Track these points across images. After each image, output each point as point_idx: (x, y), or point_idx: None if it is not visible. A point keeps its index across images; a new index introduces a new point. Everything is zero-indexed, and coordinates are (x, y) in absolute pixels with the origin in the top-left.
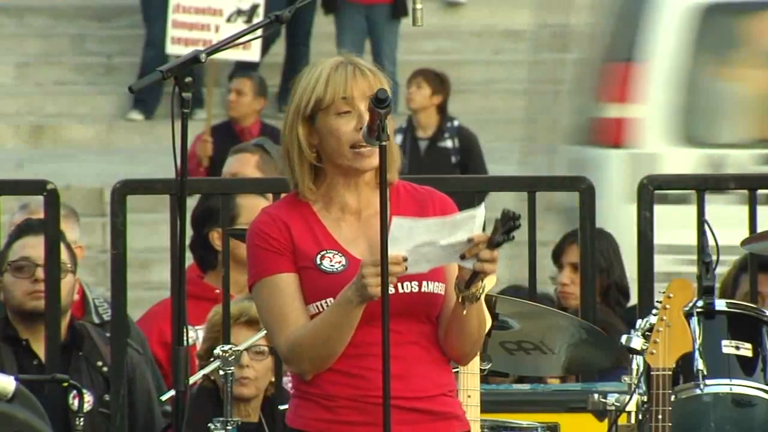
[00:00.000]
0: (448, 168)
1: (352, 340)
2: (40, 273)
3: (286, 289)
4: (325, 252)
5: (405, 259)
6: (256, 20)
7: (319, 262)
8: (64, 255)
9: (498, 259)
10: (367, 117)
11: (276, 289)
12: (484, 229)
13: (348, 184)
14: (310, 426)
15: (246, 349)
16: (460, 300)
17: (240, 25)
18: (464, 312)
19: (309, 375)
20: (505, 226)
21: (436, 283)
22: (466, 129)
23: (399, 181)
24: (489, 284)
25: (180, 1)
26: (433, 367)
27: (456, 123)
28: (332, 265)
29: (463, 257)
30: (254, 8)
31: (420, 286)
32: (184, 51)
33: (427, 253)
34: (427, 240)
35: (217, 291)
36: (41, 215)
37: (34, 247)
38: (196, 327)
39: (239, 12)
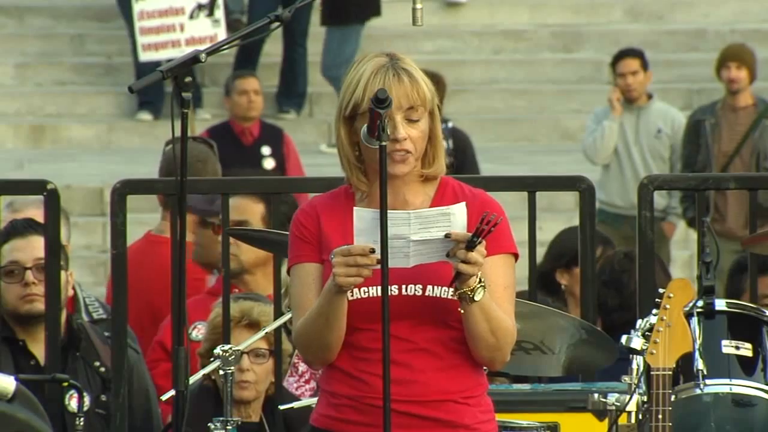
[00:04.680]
0: None
1: (358, 343)
2: (29, 276)
3: (305, 279)
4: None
5: (372, 251)
6: (216, 12)
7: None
8: None
9: (479, 262)
10: (400, 128)
11: (297, 278)
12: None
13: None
14: (319, 421)
15: (246, 353)
16: (457, 298)
17: (203, 19)
18: (461, 311)
19: (316, 365)
20: (476, 229)
21: (444, 288)
22: (460, 130)
23: (450, 178)
24: None
25: (143, 7)
26: (444, 374)
27: (450, 124)
28: None
29: (449, 255)
30: (214, 0)
31: (424, 289)
32: (155, 56)
33: (402, 247)
34: (395, 233)
35: (236, 290)
36: (27, 213)
37: (21, 250)
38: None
39: (200, 6)
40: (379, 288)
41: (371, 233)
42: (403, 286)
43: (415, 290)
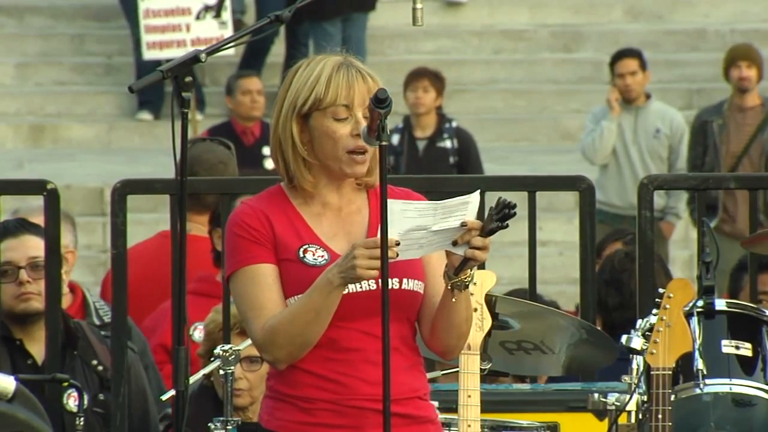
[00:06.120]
0: (447, 168)
1: (330, 344)
2: (23, 275)
3: (266, 279)
4: (307, 246)
5: (397, 244)
6: (224, 14)
7: (302, 255)
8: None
9: (489, 248)
10: (363, 123)
11: (255, 279)
12: (480, 218)
13: (331, 183)
14: (286, 428)
15: (239, 360)
16: (449, 287)
17: (209, 20)
18: (453, 299)
19: (284, 364)
20: (499, 214)
21: (416, 281)
22: (464, 130)
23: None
24: (489, 284)
25: (149, 5)
26: (409, 373)
27: (454, 123)
28: (315, 259)
29: (455, 243)
30: (221, 2)
31: (400, 283)
32: (160, 55)
33: (420, 238)
34: (419, 224)
35: None
36: (32, 220)
37: (14, 249)
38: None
39: (207, 8)
40: (357, 285)
41: (397, 224)
42: (380, 281)
43: (392, 284)
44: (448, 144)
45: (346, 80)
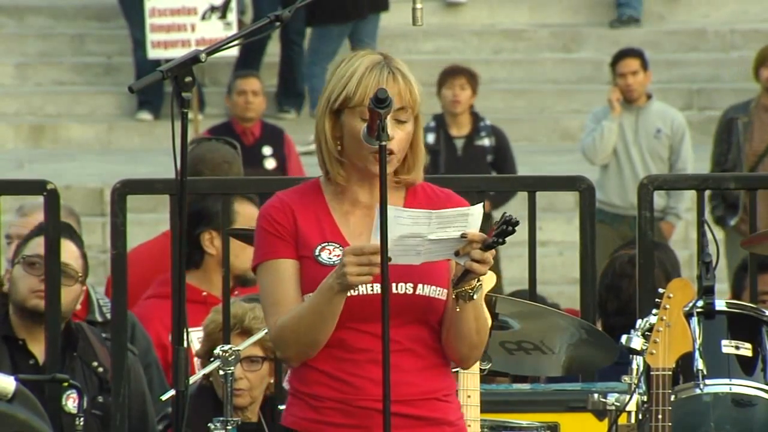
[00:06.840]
0: (484, 166)
1: (342, 343)
2: None
3: (283, 275)
4: (326, 244)
5: None
6: (229, 15)
7: (317, 253)
8: (78, 263)
9: (490, 262)
10: (389, 128)
11: (274, 274)
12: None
13: (363, 180)
14: (297, 424)
15: (240, 360)
16: (453, 296)
17: (215, 21)
18: (457, 309)
19: (295, 362)
20: (498, 229)
21: (434, 287)
22: (499, 128)
23: (421, 182)
24: (488, 284)
25: (155, 4)
26: (426, 374)
27: (488, 122)
28: (330, 258)
29: (458, 254)
30: (227, 3)
31: (415, 288)
32: (164, 54)
33: (416, 245)
34: (413, 232)
35: (204, 293)
36: (37, 217)
37: None
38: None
39: (212, 8)
40: (369, 287)
41: (390, 230)
42: (394, 285)
43: (406, 289)
44: (486, 142)
45: (376, 81)
